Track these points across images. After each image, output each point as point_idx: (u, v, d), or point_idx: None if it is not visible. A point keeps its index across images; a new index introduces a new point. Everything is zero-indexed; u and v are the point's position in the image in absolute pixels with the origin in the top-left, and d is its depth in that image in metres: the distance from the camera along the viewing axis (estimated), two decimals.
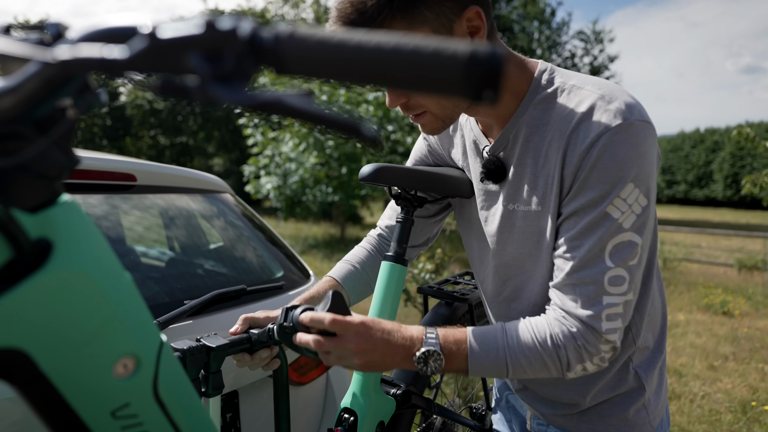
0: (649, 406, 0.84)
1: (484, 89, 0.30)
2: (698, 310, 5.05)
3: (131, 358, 0.44)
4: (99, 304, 0.41)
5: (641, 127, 0.67)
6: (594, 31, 19.55)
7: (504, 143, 0.78)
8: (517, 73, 0.75)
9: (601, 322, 0.69)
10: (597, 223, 0.68)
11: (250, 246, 1.55)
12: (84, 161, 1.19)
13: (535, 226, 0.76)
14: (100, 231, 0.42)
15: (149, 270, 1.39)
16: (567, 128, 0.70)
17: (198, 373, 0.75)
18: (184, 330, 1.09)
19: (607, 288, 0.69)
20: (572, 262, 0.70)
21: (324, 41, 0.31)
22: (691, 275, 6.99)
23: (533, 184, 0.75)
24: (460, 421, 1.19)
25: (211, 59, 0.30)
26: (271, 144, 8.85)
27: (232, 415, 1.18)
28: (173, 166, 1.47)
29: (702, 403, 2.84)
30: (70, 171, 0.39)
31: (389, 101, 0.72)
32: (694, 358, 3.60)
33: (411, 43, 0.30)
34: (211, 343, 0.75)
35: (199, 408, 0.53)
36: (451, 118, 0.74)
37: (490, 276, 0.86)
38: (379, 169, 0.84)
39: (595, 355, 0.71)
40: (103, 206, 1.26)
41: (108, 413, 0.44)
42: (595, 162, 0.67)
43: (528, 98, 0.74)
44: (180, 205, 1.48)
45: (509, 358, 0.71)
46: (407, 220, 0.91)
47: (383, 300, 0.86)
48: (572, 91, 0.72)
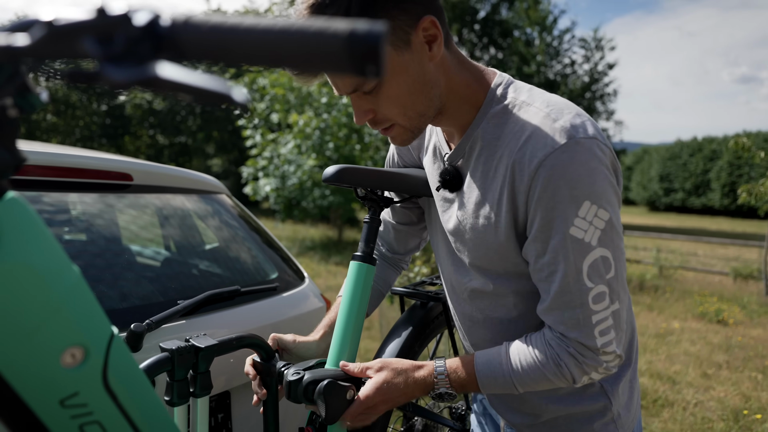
0: (619, 420, 0.84)
1: (367, 64, 0.32)
2: (693, 318, 5.06)
3: (79, 348, 0.45)
4: (44, 295, 0.42)
5: (587, 144, 0.67)
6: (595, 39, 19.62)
7: (461, 154, 0.78)
8: (474, 83, 0.75)
9: (595, 339, 0.71)
10: (565, 247, 0.68)
11: (246, 247, 1.55)
12: (81, 160, 1.19)
13: (482, 239, 0.77)
14: (46, 226, 0.44)
15: (144, 269, 1.39)
16: (515, 146, 0.70)
17: (187, 373, 0.75)
18: (177, 330, 1.09)
19: (592, 307, 0.70)
20: (553, 288, 0.71)
21: (217, 25, 0.33)
22: (687, 283, 7.01)
23: (482, 198, 0.75)
24: (440, 421, 1.20)
25: (104, 42, 0.33)
26: (270, 145, 8.85)
27: (224, 416, 1.18)
28: (170, 166, 1.47)
29: (695, 411, 2.85)
30: (15, 169, 0.41)
31: (357, 118, 0.73)
32: (688, 366, 3.61)
33: (296, 24, 0.32)
34: (200, 343, 0.76)
35: (153, 399, 0.54)
36: (419, 128, 0.75)
37: (451, 274, 0.88)
38: (342, 170, 0.84)
39: (598, 366, 0.73)
40: (99, 205, 1.27)
41: (56, 402, 0.45)
42: (546, 183, 0.67)
43: (483, 111, 0.75)
44: (176, 205, 1.49)
45: (515, 379, 0.75)
46: (374, 220, 0.92)
47: (351, 299, 0.87)
48: (522, 108, 0.72)
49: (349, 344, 0.85)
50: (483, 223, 0.76)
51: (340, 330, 0.86)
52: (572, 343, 0.72)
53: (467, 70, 0.75)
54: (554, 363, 0.73)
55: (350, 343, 0.86)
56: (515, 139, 0.70)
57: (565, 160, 0.66)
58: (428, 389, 0.78)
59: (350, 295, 0.87)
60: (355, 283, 0.87)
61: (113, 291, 1.12)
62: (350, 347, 0.86)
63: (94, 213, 1.25)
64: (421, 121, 0.74)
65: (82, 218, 1.22)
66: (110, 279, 1.15)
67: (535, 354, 0.74)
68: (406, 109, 0.71)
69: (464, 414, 1.30)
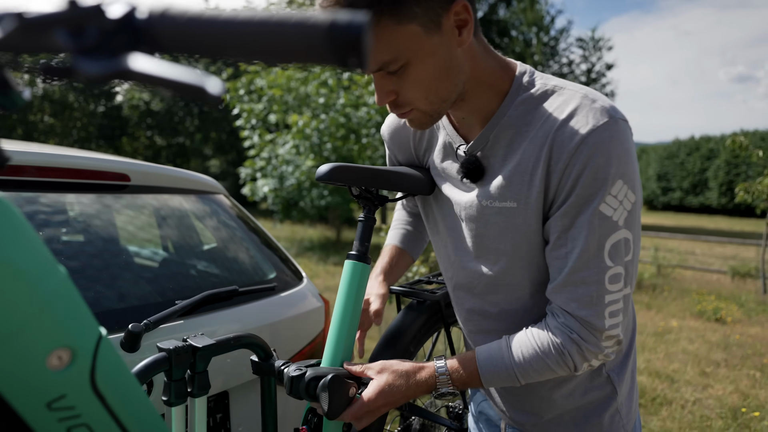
0: (623, 410, 0.85)
1: (348, 56, 0.31)
2: (691, 317, 5.08)
3: (66, 350, 0.44)
4: (27, 295, 0.41)
5: (625, 126, 0.70)
6: (593, 38, 19.64)
7: (483, 142, 0.78)
8: (499, 71, 0.76)
9: (604, 320, 0.72)
10: (592, 222, 0.69)
11: (244, 247, 1.55)
12: (78, 161, 1.19)
13: (511, 221, 0.77)
14: (31, 226, 0.43)
15: (142, 270, 1.39)
16: (552, 127, 0.71)
17: (184, 373, 0.75)
18: (175, 330, 1.09)
19: (607, 287, 0.71)
20: (571, 263, 0.72)
21: (195, 17, 0.32)
22: (685, 282, 7.03)
23: (510, 181, 0.75)
24: (437, 421, 1.20)
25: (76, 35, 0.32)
26: (267, 146, 8.84)
27: (222, 416, 1.18)
28: (167, 166, 1.47)
29: (693, 409, 2.85)
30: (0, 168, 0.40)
31: (378, 98, 0.72)
32: (686, 364, 3.62)
33: (276, 17, 0.32)
34: (197, 343, 0.76)
35: (143, 400, 0.53)
36: (439, 113, 0.74)
37: (463, 271, 0.87)
38: (335, 168, 0.83)
39: (599, 353, 0.74)
40: (96, 205, 1.27)
41: (43, 405, 0.44)
42: (586, 159, 0.68)
43: (510, 98, 0.75)
44: (174, 206, 1.48)
45: (518, 371, 0.76)
46: (369, 219, 0.91)
47: (347, 298, 0.86)
48: (556, 92, 0.73)
49: (345, 343, 0.85)
50: (513, 207, 0.76)
51: (336, 329, 0.86)
52: (577, 326, 0.73)
53: (492, 58, 0.76)
54: (557, 351, 0.74)
55: (345, 342, 0.85)
56: (550, 121, 0.71)
57: (606, 137, 0.67)
58: (430, 390, 0.78)
59: (345, 294, 0.87)
60: (350, 282, 0.87)
61: (111, 291, 1.12)
62: (346, 346, 0.86)
63: (92, 214, 1.25)
64: (442, 106, 0.73)
65: (80, 219, 1.22)
66: (108, 279, 1.15)
67: (537, 344, 0.75)
68: (429, 93, 0.71)
69: (461, 413, 1.30)
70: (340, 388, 0.76)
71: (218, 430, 1.17)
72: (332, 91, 8.52)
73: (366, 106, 8.35)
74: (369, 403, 0.76)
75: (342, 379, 0.77)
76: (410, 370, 0.78)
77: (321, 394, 0.75)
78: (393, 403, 0.77)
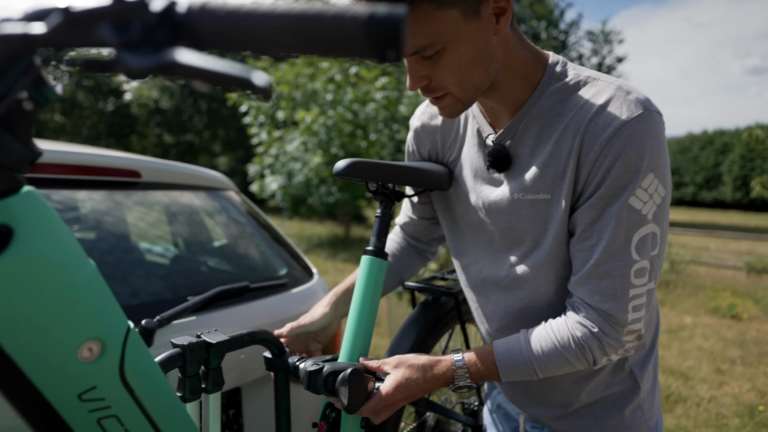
0: (644, 405, 0.84)
1: (387, 49, 0.31)
2: (705, 314, 5.01)
3: (96, 342, 0.45)
4: (60, 288, 0.42)
5: (659, 119, 0.69)
6: (603, 32, 19.42)
7: (512, 132, 0.77)
8: (532, 61, 0.75)
9: (627, 313, 0.71)
10: (620, 215, 0.68)
11: (254, 243, 1.55)
12: (90, 158, 1.19)
13: (543, 213, 0.76)
14: (62, 220, 0.44)
15: (153, 266, 1.39)
16: (584, 117, 0.70)
17: (198, 369, 0.75)
18: (188, 326, 1.08)
19: (632, 280, 0.70)
20: (597, 254, 0.71)
21: (233, 11, 0.33)
22: (699, 278, 6.93)
23: (543, 172, 0.75)
24: (452, 417, 1.18)
25: (121, 29, 0.33)
26: (276, 143, 8.86)
27: (235, 412, 1.18)
28: (178, 163, 1.47)
29: (709, 407, 2.81)
30: (31, 162, 0.41)
31: (410, 83, 0.71)
32: (701, 362, 3.57)
33: (314, 10, 0.32)
34: (211, 339, 0.75)
35: (169, 393, 0.54)
36: (471, 101, 0.74)
37: (493, 264, 0.85)
38: (353, 163, 0.82)
39: (619, 347, 0.74)
40: (108, 202, 1.27)
41: (74, 396, 0.45)
42: (618, 151, 0.67)
43: (541, 88, 0.75)
44: (184, 202, 1.48)
45: (536, 365, 0.75)
46: (386, 215, 0.90)
47: (364, 294, 0.86)
48: (589, 82, 0.73)
49: (362, 339, 0.84)
50: (546, 198, 0.75)
51: (353, 325, 0.85)
52: (599, 319, 0.72)
53: (525, 47, 0.75)
54: (576, 345, 0.73)
55: (363, 338, 0.85)
56: (583, 112, 0.70)
57: (640, 129, 0.67)
58: (447, 383, 0.77)
59: (362, 290, 0.86)
60: (368, 278, 0.86)
61: (123, 287, 1.12)
62: (363, 342, 0.85)
63: (103, 210, 1.25)
64: (474, 94, 0.73)
65: (92, 216, 1.22)
66: (120, 276, 1.15)
67: (557, 337, 0.74)
68: (463, 80, 0.70)
69: (477, 409, 1.29)
70: (359, 382, 0.75)
71: (231, 426, 1.17)
72: (339, 87, 8.50)
73: (374, 102, 8.33)
74: (387, 397, 0.75)
75: (361, 373, 0.76)
76: (427, 364, 0.77)
77: (340, 388, 0.74)
78: (410, 397, 0.76)
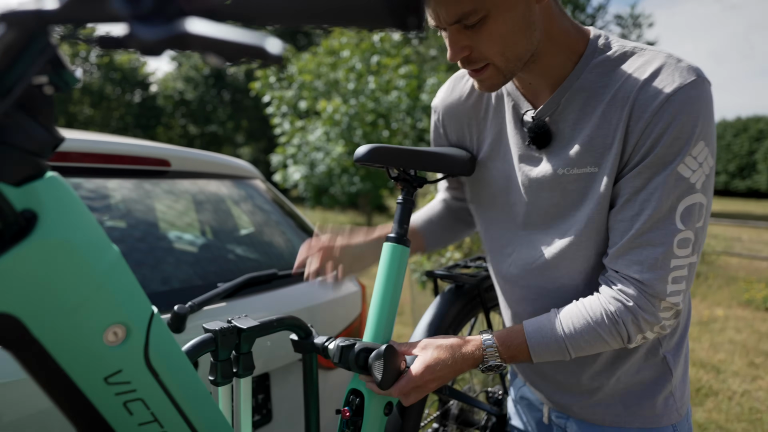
0: (676, 393, 0.82)
1: (408, 15, 0.30)
2: (738, 306, 4.85)
3: (121, 326, 0.46)
4: (85, 272, 0.43)
5: (710, 88, 0.67)
6: (632, 15, 18.78)
7: (553, 107, 0.75)
8: (574, 33, 0.74)
9: (666, 284, 0.69)
10: (668, 183, 0.67)
11: (280, 231, 1.56)
12: (121, 147, 1.21)
13: (589, 188, 0.74)
14: (84, 205, 0.44)
15: (182, 254, 1.42)
16: (633, 87, 0.68)
17: (230, 353, 0.76)
18: (218, 312, 1.10)
19: (675, 251, 0.68)
20: (639, 224, 0.69)
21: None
22: (731, 269, 6.71)
23: (588, 146, 0.73)
24: (476, 405, 1.18)
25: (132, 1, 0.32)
26: (298, 133, 8.91)
27: (264, 397, 1.20)
28: (205, 151, 1.48)
29: (741, 401, 2.73)
30: (54, 147, 0.41)
31: (451, 54, 0.69)
32: (733, 355, 3.47)
33: None
34: (242, 324, 0.76)
35: (193, 376, 0.54)
36: (512, 72, 0.72)
37: (528, 245, 0.83)
38: (374, 149, 0.81)
39: (656, 324, 0.71)
40: (138, 191, 1.29)
41: (101, 379, 0.46)
42: (670, 118, 0.65)
43: (584, 61, 0.73)
44: (211, 191, 1.50)
45: (568, 343, 0.73)
46: (407, 201, 0.89)
47: (386, 280, 0.85)
48: (636, 53, 0.71)
49: (386, 323, 0.84)
50: (594, 172, 0.73)
51: (376, 309, 0.85)
52: (636, 293, 0.70)
53: (567, 19, 0.74)
54: (610, 320, 0.71)
55: (386, 322, 0.84)
56: (631, 81, 0.69)
57: (693, 96, 0.65)
58: (477, 363, 0.76)
59: (385, 276, 0.86)
60: (390, 264, 0.86)
61: (154, 274, 1.15)
62: (386, 326, 0.85)
63: (135, 199, 1.28)
64: (516, 65, 0.71)
65: (123, 204, 1.25)
66: (151, 263, 1.18)
67: (589, 313, 0.72)
68: (506, 49, 0.69)
69: (501, 398, 1.28)
70: (393, 358, 0.75)
71: (260, 409, 1.19)
72: (361, 75, 8.47)
73: (396, 90, 8.28)
74: (417, 378, 0.74)
75: (396, 350, 0.76)
76: (455, 344, 0.76)
77: (375, 363, 0.74)
78: (440, 378, 0.75)
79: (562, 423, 0.91)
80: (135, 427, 0.50)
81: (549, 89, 0.76)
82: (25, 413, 0.83)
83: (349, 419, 0.80)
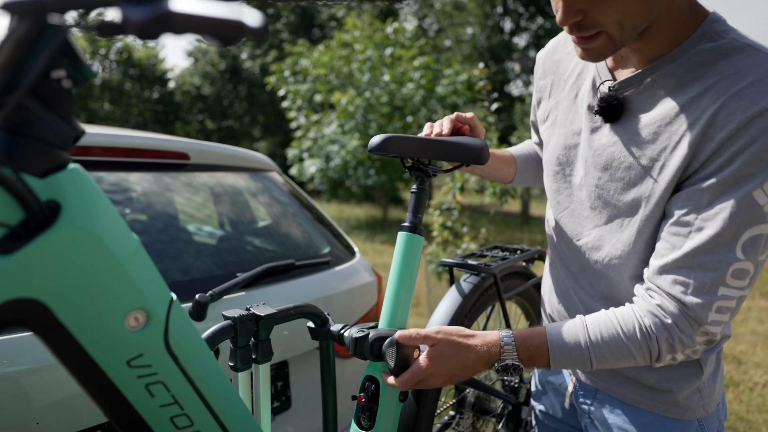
0: (704, 389, 0.79)
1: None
2: (761, 297, 4.74)
3: (142, 312, 0.48)
4: (106, 259, 0.45)
5: None
6: None
7: (635, 83, 0.70)
8: (688, 12, 0.67)
9: (709, 312, 0.64)
10: (739, 206, 0.60)
11: (297, 223, 1.58)
12: (142, 141, 1.24)
13: (639, 182, 0.69)
14: (105, 195, 0.46)
15: (202, 245, 1.45)
16: (728, 89, 0.62)
17: (249, 340, 0.78)
18: (237, 301, 1.13)
19: (728, 280, 0.63)
20: (694, 243, 0.63)
21: None
22: None
23: (654, 137, 0.67)
24: (492, 393, 1.18)
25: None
26: (314, 127, 8.94)
27: (283, 384, 1.23)
28: (223, 145, 1.51)
29: (763, 392, 2.69)
30: (75, 139, 0.43)
31: (562, 16, 0.63)
32: (755, 346, 3.40)
33: None
34: (260, 312, 0.78)
35: (211, 362, 0.56)
36: (624, 42, 0.66)
37: (568, 218, 0.81)
38: (387, 139, 0.82)
39: (689, 347, 0.67)
40: (158, 184, 1.32)
41: (124, 362, 0.48)
42: (757, 135, 0.59)
43: (688, 44, 0.66)
44: (229, 183, 1.53)
45: (593, 354, 0.69)
46: (421, 190, 0.90)
47: (401, 269, 0.86)
48: (746, 51, 0.63)
49: (401, 311, 0.86)
50: (646, 164, 0.68)
51: (391, 297, 0.86)
52: (676, 311, 0.65)
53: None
54: (642, 335, 0.67)
55: (401, 309, 0.86)
56: (728, 82, 0.62)
57: None
58: (492, 361, 0.71)
59: (400, 264, 0.87)
60: (405, 253, 0.87)
61: (176, 264, 1.18)
62: (401, 313, 0.86)
63: (155, 191, 1.31)
64: (630, 35, 0.65)
65: (144, 197, 1.28)
66: (173, 253, 1.21)
67: (621, 324, 0.68)
68: (624, 17, 0.62)
69: (517, 386, 1.28)
70: (405, 345, 0.77)
71: (279, 396, 1.22)
72: (375, 68, 8.44)
73: (411, 82, 8.23)
74: (419, 371, 0.73)
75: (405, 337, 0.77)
76: (470, 337, 0.73)
77: (388, 350, 0.76)
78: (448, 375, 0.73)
79: (587, 408, 0.88)
80: (156, 408, 0.52)
81: (639, 64, 0.70)
82: (54, 397, 0.87)
83: (365, 405, 0.82)
